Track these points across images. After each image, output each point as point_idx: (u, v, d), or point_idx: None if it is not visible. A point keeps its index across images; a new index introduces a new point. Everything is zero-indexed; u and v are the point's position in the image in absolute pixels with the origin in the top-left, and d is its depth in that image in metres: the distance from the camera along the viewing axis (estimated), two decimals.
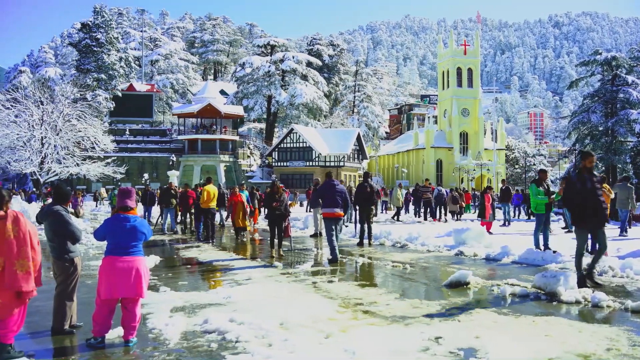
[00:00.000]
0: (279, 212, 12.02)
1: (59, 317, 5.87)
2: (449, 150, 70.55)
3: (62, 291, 5.92)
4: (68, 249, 5.92)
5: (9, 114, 39.61)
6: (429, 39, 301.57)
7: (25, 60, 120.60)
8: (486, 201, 17.63)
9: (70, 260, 5.93)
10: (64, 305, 5.89)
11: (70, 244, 5.95)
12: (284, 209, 12.12)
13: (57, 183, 44.88)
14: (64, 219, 5.90)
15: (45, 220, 5.99)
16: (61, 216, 5.91)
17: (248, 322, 5.99)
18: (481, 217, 17.90)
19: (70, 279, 5.93)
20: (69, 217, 5.97)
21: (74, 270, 5.96)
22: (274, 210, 11.99)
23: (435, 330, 5.86)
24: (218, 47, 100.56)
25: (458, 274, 8.46)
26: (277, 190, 12.09)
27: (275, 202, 11.99)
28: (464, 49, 72.57)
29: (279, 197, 12.06)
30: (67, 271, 5.92)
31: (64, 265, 5.93)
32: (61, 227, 5.89)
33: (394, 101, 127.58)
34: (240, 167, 61.15)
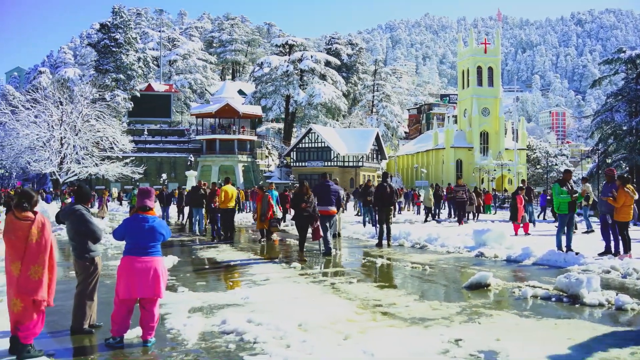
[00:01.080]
0: (308, 214, 11.72)
1: (79, 316, 5.92)
2: (469, 150, 69.96)
3: (82, 290, 5.97)
4: (89, 248, 5.96)
5: (29, 114, 40.04)
6: (449, 37, 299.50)
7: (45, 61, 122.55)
8: (518, 203, 16.91)
9: (91, 259, 5.98)
10: (83, 304, 5.94)
11: (91, 243, 5.99)
12: (312, 210, 11.83)
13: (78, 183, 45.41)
14: (85, 218, 5.96)
15: (67, 219, 6.05)
16: (82, 215, 5.96)
17: (266, 322, 5.99)
18: (513, 219, 17.13)
19: (91, 278, 5.98)
20: (90, 217, 6.02)
21: (94, 269, 6.00)
22: (302, 212, 11.72)
23: (455, 332, 5.80)
24: (236, 47, 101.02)
25: (478, 276, 8.37)
26: (307, 191, 11.82)
27: (304, 203, 11.70)
28: (484, 47, 71.89)
29: (307, 198, 11.78)
30: (88, 270, 5.98)
31: (84, 265, 5.98)
32: (82, 226, 5.95)
33: (413, 101, 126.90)
34: (259, 167, 61.35)
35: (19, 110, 40.63)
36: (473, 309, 6.87)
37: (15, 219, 5.08)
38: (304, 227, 11.87)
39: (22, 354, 5.00)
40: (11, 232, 5.04)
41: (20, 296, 4.99)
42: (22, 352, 5.01)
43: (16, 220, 5.07)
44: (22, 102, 41.30)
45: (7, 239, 5.06)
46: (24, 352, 5.01)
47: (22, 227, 5.02)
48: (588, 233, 16.74)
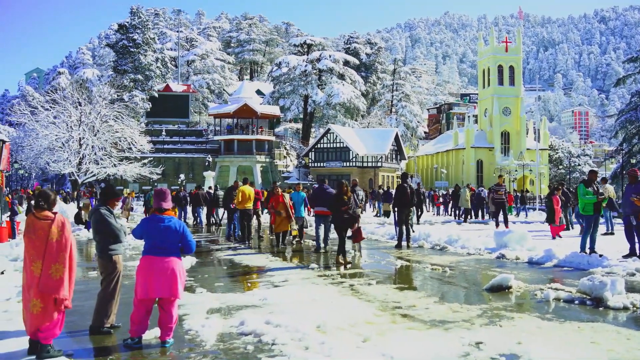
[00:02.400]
0: (349, 216, 11.15)
1: (99, 314, 5.98)
2: (490, 151, 69.32)
3: (104, 289, 6.05)
4: (109, 247, 6.04)
5: (48, 115, 40.27)
6: (469, 36, 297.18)
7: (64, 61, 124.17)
8: (555, 203, 16.31)
9: (109, 257, 6.04)
10: (104, 302, 6.01)
11: (112, 242, 6.06)
12: (352, 211, 11.25)
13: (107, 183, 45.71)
14: (104, 218, 6.03)
15: (91, 218, 6.17)
16: (102, 215, 6.05)
17: (284, 324, 5.98)
18: (550, 221, 16.53)
19: (111, 277, 6.04)
20: (110, 217, 6.08)
21: (113, 267, 6.06)
22: (343, 214, 11.06)
23: (476, 335, 5.75)
24: (254, 47, 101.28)
25: (499, 278, 8.28)
26: (346, 191, 11.20)
27: (344, 205, 11.06)
28: (505, 46, 71.14)
29: (347, 198, 11.17)
30: (107, 269, 6.06)
31: (105, 263, 6.08)
32: (102, 226, 6.03)
33: (432, 100, 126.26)
34: (277, 167, 61.38)
35: (38, 111, 40.89)
36: (494, 312, 6.80)
37: (35, 219, 5.15)
38: (344, 230, 11.22)
39: (42, 354, 5.05)
40: (32, 232, 5.11)
41: (40, 296, 5.04)
42: (41, 352, 5.05)
43: (36, 220, 5.14)
44: (42, 103, 41.62)
45: (28, 238, 5.12)
46: (44, 352, 5.06)
47: (43, 226, 5.08)
48: (608, 235, 16.43)
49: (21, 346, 5.33)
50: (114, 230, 6.05)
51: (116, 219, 6.20)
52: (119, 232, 6.09)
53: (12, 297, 7.73)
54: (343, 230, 11.19)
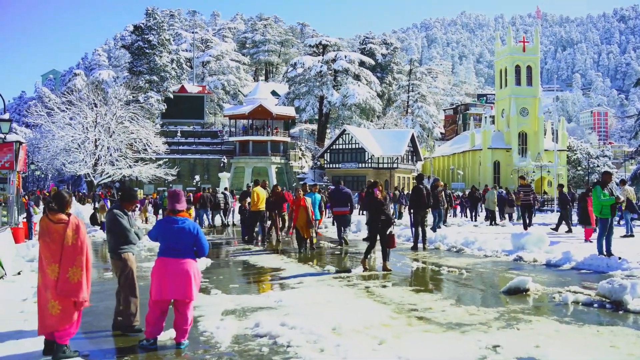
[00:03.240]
0: (385, 218, 10.45)
1: (127, 313, 6.04)
2: (507, 152, 68.76)
3: (122, 287, 6.10)
4: (118, 246, 6.09)
5: (64, 116, 40.63)
6: (486, 36, 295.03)
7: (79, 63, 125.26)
8: (589, 205, 15.59)
9: (119, 256, 6.09)
10: (128, 301, 6.06)
11: (122, 242, 6.11)
12: (388, 214, 10.64)
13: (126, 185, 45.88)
14: (115, 218, 6.10)
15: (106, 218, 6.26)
16: (114, 215, 6.12)
17: (300, 326, 5.97)
18: (584, 223, 16.03)
19: (124, 275, 6.08)
20: (123, 217, 6.13)
21: (124, 265, 6.09)
22: (378, 216, 10.44)
23: (493, 338, 5.71)
24: (269, 48, 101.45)
25: (517, 280, 8.21)
26: (381, 192, 10.59)
27: (381, 205, 10.53)
28: (523, 45, 70.55)
29: (383, 198, 10.57)
30: (119, 267, 6.11)
31: (115, 262, 6.14)
32: (113, 226, 6.11)
33: (449, 101, 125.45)
34: (292, 168, 61.43)
35: (55, 112, 41.27)
36: (511, 315, 6.75)
37: (49, 222, 5.17)
38: (377, 233, 10.53)
39: (58, 354, 5.08)
40: (46, 235, 5.14)
41: (59, 298, 5.07)
42: (57, 353, 5.09)
43: (51, 223, 5.16)
44: (58, 104, 41.99)
45: (43, 241, 5.15)
46: (60, 352, 5.09)
47: (57, 229, 5.11)
48: (628, 237, 16.18)
49: (37, 346, 5.38)
50: (124, 230, 6.09)
51: (130, 220, 6.25)
52: (129, 233, 6.13)
53: (28, 297, 7.82)
54: (377, 233, 10.50)
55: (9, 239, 10.56)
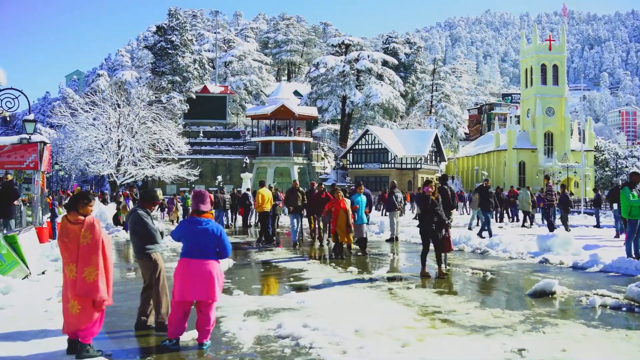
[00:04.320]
0: (438, 219, 9.86)
1: (159, 312, 6.10)
2: (533, 152, 67.84)
3: (154, 287, 6.14)
4: (144, 246, 6.13)
5: (88, 117, 40.85)
6: (511, 34, 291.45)
7: (103, 64, 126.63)
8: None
9: (148, 256, 6.14)
10: (159, 300, 6.12)
11: (148, 242, 6.15)
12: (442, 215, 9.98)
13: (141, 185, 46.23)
14: (141, 219, 6.15)
15: (128, 220, 6.30)
16: (139, 216, 6.18)
17: (322, 328, 5.97)
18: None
19: (156, 274, 6.12)
20: (147, 218, 6.17)
21: (155, 265, 6.14)
22: (431, 217, 9.81)
23: (519, 341, 5.65)
24: (292, 47, 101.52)
25: (543, 283, 8.10)
26: (435, 191, 9.94)
27: (434, 206, 9.84)
28: (549, 44, 69.50)
29: (437, 199, 9.90)
30: (150, 268, 6.15)
31: (144, 263, 6.18)
32: (138, 227, 6.16)
33: (473, 100, 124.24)
34: (314, 169, 61.34)
35: (78, 112, 41.55)
36: (537, 318, 6.68)
37: (67, 222, 5.26)
38: (431, 236, 9.85)
39: (81, 353, 5.14)
40: (64, 236, 5.22)
41: (77, 298, 5.13)
42: (81, 352, 5.15)
43: (68, 223, 5.25)
44: (81, 105, 42.34)
45: (61, 242, 5.23)
46: (83, 351, 5.15)
47: (74, 230, 5.18)
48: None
49: (61, 345, 5.44)
50: (150, 231, 6.14)
51: (153, 220, 6.29)
52: (155, 233, 6.18)
53: (52, 297, 7.91)
54: (430, 236, 9.84)
55: (33, 239, 10.71)
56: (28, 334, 5.92)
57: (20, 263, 9.09)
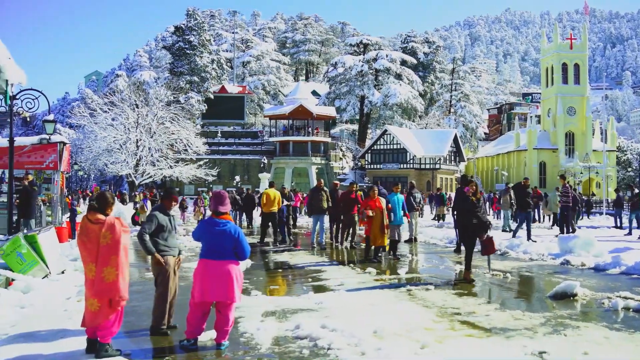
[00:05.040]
0: (477, 222, 9.30)
1: (155, 315, 6.12)
2: (553, 152, 67.01)
3: (157, 289, 6.17)
4: (158, 247, 6.10)
5: (107, 117, 41.01)
6: (531, 33, 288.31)
7: (121, 64, 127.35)
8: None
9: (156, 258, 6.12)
10: (156, 302, 6.12)
11: (162, 243, 6.14)
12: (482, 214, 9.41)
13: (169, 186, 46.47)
14: (150, 216, 6.20)
15: None
16: (150, 214, 6.25)
17: (340, 329, 5.96)
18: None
19: (162, 277, 6.10)
20: (159, 215, 6.17)
21: (160, 268, 6.11)
22: (471, 219, 9.27)
23: (539, 344, 5.60)
24: (310, 47, 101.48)
25: (564, 285, 8.00)
26: (475, 191, 9.37)
27: (474, 207, 9.25)
28: (570, 42, 68.60)
29: (477, 200, 9.34)
30: (155, 269, 6.16)
31: (154, 263, 6.18)
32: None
33: (493, 100, 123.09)
34: (333, 169, 61.29)
35: (97, 113, 41.77)
36: (558, 320, 6.60)
37: (88, 222, 5.29)
38: (472, 238, 9.37)
39: (100, 352, 5.20)
40: (84, 235, 5.26)
41: (97, 297, 5.19)
42: (100, 351, 5.20)
43: (89, 223, 5.28)
44: (100, 105, 42.61)
45: (81, 241, 5.28)
46: (102, 350, 5.21)
47: (94, 229, 5.22)
48: None
49: (80, 345, 5.49)
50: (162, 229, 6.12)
51: (172, 221, 6.29)
52: (165, 232, 6.15)
53: (71, 296, 8.00)
54: (472, 238, 9.37)
55: (53, 238, 10.81)
56: (48, 333, 5.99)
57: (40, 262, 9.18)
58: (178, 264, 6.45)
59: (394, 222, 12.49)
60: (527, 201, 15.91)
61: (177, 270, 6.46)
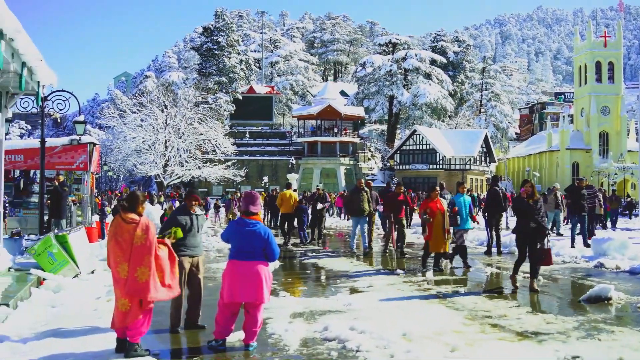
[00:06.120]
0: (535, 226, 8.56)
1: (171, 315, 6.21)
2: (587, 152, 65.62)
3: None
4: (176, 247, 6.10)
5: (136, 118, 41.64)
6: (564, 31, 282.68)
7: (150, 65, 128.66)
8: None
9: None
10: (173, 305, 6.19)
11: (181, 242, 6.16)
12: (540, 218, 8.57)
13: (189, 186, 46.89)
14: (172, 216, 6.29)
15: None
16: (172, 215, 6.33)
17: (369, 331, 5.94)
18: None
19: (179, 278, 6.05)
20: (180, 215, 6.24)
21: (179, 269, 6.06)
22: (527, 223, 8.57)
23: (572, 348, 5.51)
24: (338, 47, 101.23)
25: (598, 288, 7.86)
26: (533, 192, 8.59)
27: (531, 210, 8.52)
28: (604, 40, 67.07)
29: (534, 202, 8.58)
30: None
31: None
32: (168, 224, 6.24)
33: (524, 99, 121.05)
34: (361, 170, 61.08)
35: (126, 114, 42.46)
36: (592, 324, 6.49)
37: (122, 221, 5.33)
38: (527, 243, 8.66)
39: (129, 352, 5.26)
40: (118, 235, 5.30)
41: (128, 296, 5.25)
42: (129, 351, 5.27)
43: (122, 222, 5.32)
44: (129, 106, 43.24)
45: (115, 240, 5.32)
46: (131, 350, 5.27)
47: (128, 229, 5.26)
48: None
49: (110, 344, 5.56)
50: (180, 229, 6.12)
51: (194, 221, 6.31)
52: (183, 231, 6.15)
53: (101, 296, 8.12)
54: (526, 243, 8.66)
55: (83, 238, 10.97)
56: (78, 332, 6.09)
57: (70, 262, 9.33)
58: (198, 264, 6.43)
59: (461, 226, 11.28)
60: (582, 203, 14.93)
61: (200, 270, 6.45)
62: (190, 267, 6.32)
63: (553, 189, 19.38)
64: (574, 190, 15.59)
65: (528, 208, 8.50)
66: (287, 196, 15.92)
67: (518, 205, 8.75)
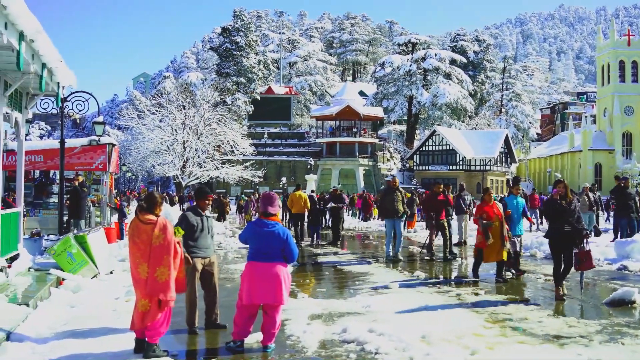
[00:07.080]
0: (570, 229, 7.97)
1: (187, 314, 6.23)
2: (610, 153, 64.62)
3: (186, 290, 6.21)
4: (188, 248, 6.12)
5: (154, 118, 41.81)
6: (586, 30, 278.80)
7: (169, 66, 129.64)
8: None
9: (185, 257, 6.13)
10: (187, 304, 6.22)
11: (192, 243, 6.18)
12: (576, 220, 8.01)
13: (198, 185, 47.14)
14: (183, 216, 6.30)
15: None
16: (183, 214, 6.34)
17: (388, 333, 5.89)
18: None
19: (188, 277, 6.03)
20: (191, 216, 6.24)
21: (191, 269, 6.10)
22: (561, 227, 7.97)
23: (595, 352, 5.43)
24: (357, 47, 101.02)
25: (621, 291, 7.72)
26: (566, 193, 8.04)
27: (563, 212, 7.97)
28: (628, 39, 65.97)
29: (567, 204, 8.01)
30: (187, 269, 6.14)
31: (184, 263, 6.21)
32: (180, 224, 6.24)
33: (546, 99, 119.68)
34: (380, 171, 60.86)
35: (145, 114, 42.63)
36: (615, 328, 6.38)
37: (139, 222, 5.38)
38: (562, 249, 8.10)
39: (148, 353, 5.29)
40: (136, 235, 5.34)
41: (148, 297, 5.28)
42: (148, 351, 5.30)
43: (140, 223, 5.36)
44: (148, 107, 43.41)
45: (133, 242, 5.36)
46: (150, 351, 5.29)
47: (146, 230, 5.30)
48: None
49: (128, 344, 5.59)
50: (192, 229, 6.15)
51: (204, 222, 6.30)
52: (194, 232, 6.17)
53: (120, 296, 8.15)
54: (562, 249, 8.10)
55: (102, 239, 11.03)
56: (97, 332, 6.13)
57: (89, 262, 9.40)
58: (211, 264, 6.45)
59: (513, 231, 10.14)
60: (628, 204, 14.24)
61: (214, 270, 6.47)
62: (203, 267, 6.35)
63: (584, 189, 18.94)
64: (621, 190, 14.91)
65: (562, 210, 7.95)
66: (297, 197, 16.23)
67: (551, 207, 8.12)
